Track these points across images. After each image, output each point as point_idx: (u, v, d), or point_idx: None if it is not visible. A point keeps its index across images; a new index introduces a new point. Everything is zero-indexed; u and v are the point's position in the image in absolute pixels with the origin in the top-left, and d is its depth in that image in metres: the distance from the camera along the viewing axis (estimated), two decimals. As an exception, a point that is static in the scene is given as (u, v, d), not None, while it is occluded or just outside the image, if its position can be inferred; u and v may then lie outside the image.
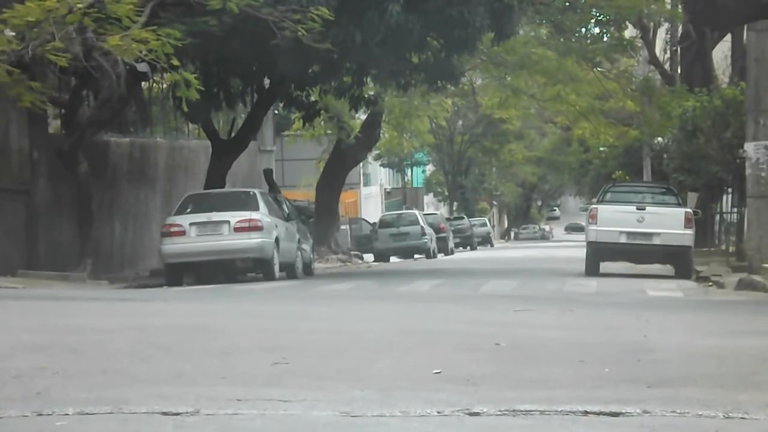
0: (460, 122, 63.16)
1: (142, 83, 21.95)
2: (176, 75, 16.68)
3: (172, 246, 17.88)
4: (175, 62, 16.34)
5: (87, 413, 4.99)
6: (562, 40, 29.91)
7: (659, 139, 33.93)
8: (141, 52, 16.12)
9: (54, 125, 21.89)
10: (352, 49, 18.91)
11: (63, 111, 20.61)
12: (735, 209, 23.44)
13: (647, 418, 4.99)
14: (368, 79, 23.90)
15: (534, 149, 66.03)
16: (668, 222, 19.73)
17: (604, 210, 20.06)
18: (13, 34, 16.20)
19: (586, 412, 5.05)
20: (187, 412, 4.98)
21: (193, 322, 9.62)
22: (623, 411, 5.09)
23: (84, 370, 6.31)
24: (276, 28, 17.13)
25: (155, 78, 22.66)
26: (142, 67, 17.52)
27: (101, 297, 14.08)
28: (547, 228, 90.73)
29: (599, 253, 20.16)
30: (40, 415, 4.97)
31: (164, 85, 23.84)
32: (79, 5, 16.13)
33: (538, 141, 65.10)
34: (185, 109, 19.15)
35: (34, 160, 20.05)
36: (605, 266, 20.66)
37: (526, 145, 65.04)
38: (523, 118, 48.24)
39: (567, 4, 28.78)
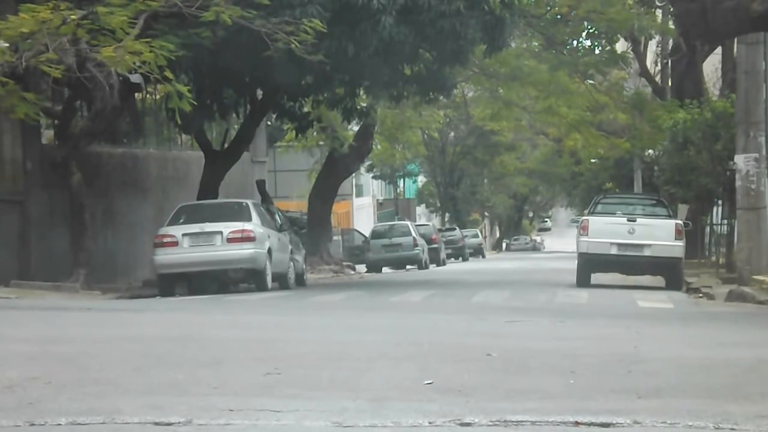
0: (452, 134, 63.27)
1: (136, 94, 21.97)
2: (169, 87, 16.71)
3: (165, 257, 17.89)
4: (168, 75, 16.37)
5: (79, 423, 5.00)
6: (554, 52, 30.04)
7: (650, 151, 34.04)
8: (134, 63, 16.14)
9: (47, 136, 21.89)
10: (345, 61, 18.97)
11: (56, 122, 20.63)
12: (725, 221, 23.51)
13: (638, 429, 5.02)
14: (361, 91, 23.96)
15: (526, 161, 66.15)
16: (659, 234, 19.79)
17: (595, 222, 20.12)
18: (7, 45, 16.22)
19: (577, 423, 5.08)
20: (179, 422, 4.99)
21: (186, 332, 9.63)
22: (614, 422, 5.12)
23: (76, 380, 6.32)
24: (269, 39, 17.19)
25: (148, 89, 22.67)
26: (135, 78, 17.55)
27: (94, 307, 14.07)
28: (538, 239, 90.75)
29: (590, 265, 20.21)
30: (33, 425, 4.98)
31: (157, 97, 23.86)
32: (73, 17, 16.15)
33: (530, 152, 65.23)
34: (178, 120, 19.17)
35: (28, 170, 20.05)
36: (596, 277, 20.71)
37: (517, 156, 65.14)
38: (515, 130, 48.37)
39: (558, 17, 28.91)
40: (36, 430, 4.91)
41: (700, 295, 17.56)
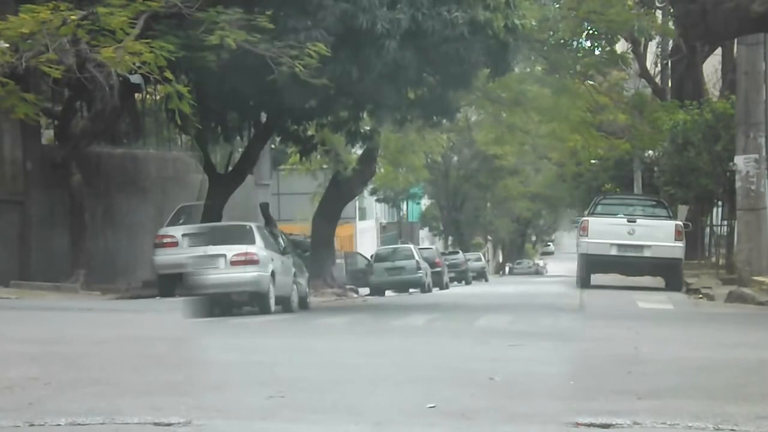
0: (455, 158, 63.12)
1: (135, 94, 21.95)
2: (169, 87, 16.69)
3: (165, 257, 17.85)
4: (168, 75, 16.36)
5: (79, 424, 5.00)
6: (557, 77, 30.04)
7: (650, 152, 34.05)
8: (134, 64, 16.14)
9: (47, 136, 21.88)
10: (349, 85, 18.94)
11: (56, 122, 20.62)
12: (725, 222, 23.50)
13: (638, 430, 5.02)
14: (365, 114, 23.92)
15: (529, 185, 65.97)
16: (659, 234, 19.78)
17: (595, 222, 20.12)
18: (7, 45, 16.21)
19: (577, 424, 5.08)
20: (179, 422, 4.99)
21: (190, 356, 9.51)
22: (614, 422, 5.11)
23: (76, 380, 6.31)
24: (273, 64, 17.16)
25: (148, 90, 22.66)
26: (135, 78, 17.54)
27: (94, 308, 14.07)
28: (541, 263, 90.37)
29: (590, 265, 20.20)
30: (33, 425, 4.98)
31: (157, 97, 23.86)
32: (73, 17, 16.14)
33: (533, 177, 65.11)
34: (178, 120, 19.14)
35: (28, 170, 20.05)
36: (596, 278, 20.69)
37: (521, 180, 64.99)
38: (518, 154, 48.29)
39: (562, 41, 28.89)
40: (36, 430, 4.91)
41: (700, 296, 17.55)
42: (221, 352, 9.49)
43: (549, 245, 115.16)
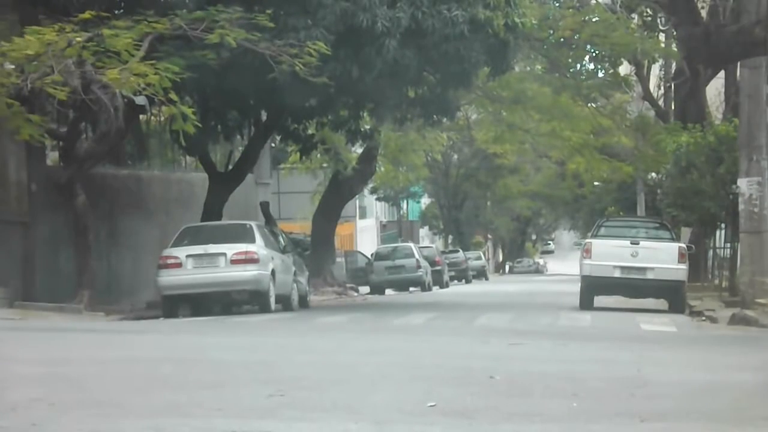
0: (456, 156, 63.39)
1: (140, 116, 22.05)
2: (173, 109, 16.77)
3: (169, 278, 17.93)
4: (173, 96, 16.44)
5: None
6: (557, 75, 30.15)
7: (653, 174, 34.08)
8: (139, 85, 16.22)
9: (52, 157, 21.91)
10: (349, 84, 19.07)
11: (61, 143, 20.68)
12: (728, 244, 23.50)
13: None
14: (365, 113, 24.05)
15: (529, 183, 66.22)
16: (662, 257, 19.77)
17: (598, 244, 20.12)
18: (13, 67, 16.30)
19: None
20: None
21: (188, 354, 9.62)
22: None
23: (80, 401, 6.33)
24: (273, 62, 17.29)
25: (153, 111, 22.76)
26: (140, 100, 17.63)
27: (98, 329, 14.09)
28: (541, 262, 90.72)
29: (593, 288, 20.19)
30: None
31: (162, 119, 23.96)
32: (78, 39, 16.24)
33: (533, 175, 65.32)
34: (183, 142, 19.24)
35: (33, 192, 20.09)
36: (599, 300, 20.68)
37: (520, 179, 65.23)
38: (518, 153, 48.47)
39: (562, 40, 29.03)
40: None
41: (703, 318, 17.53)
42: (220, 352, 9.52)
43: (549, 244, 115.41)
